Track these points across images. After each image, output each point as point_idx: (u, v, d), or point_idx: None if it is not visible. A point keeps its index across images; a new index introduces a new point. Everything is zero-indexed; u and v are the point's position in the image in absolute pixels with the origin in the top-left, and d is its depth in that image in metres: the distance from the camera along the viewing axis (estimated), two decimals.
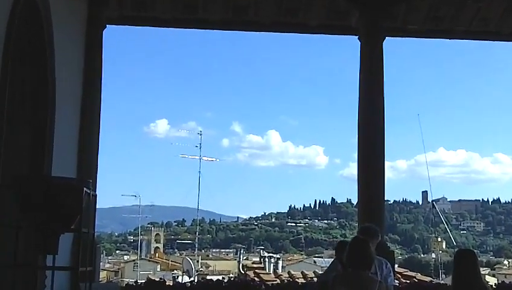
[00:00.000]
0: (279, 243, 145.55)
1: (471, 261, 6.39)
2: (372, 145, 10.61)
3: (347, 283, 5.93)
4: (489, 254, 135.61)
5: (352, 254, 6.01)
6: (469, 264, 6.35)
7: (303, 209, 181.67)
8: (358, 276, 5.90)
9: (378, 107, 10.76)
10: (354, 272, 5.94)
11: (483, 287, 6.33)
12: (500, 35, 12.23)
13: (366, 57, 10.81)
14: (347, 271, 6.07)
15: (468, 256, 6.51)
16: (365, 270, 5.91)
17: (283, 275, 13.63)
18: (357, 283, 5.87)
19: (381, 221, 10.49)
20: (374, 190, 10.51)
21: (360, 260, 5.92)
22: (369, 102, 10.75)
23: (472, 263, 6.37)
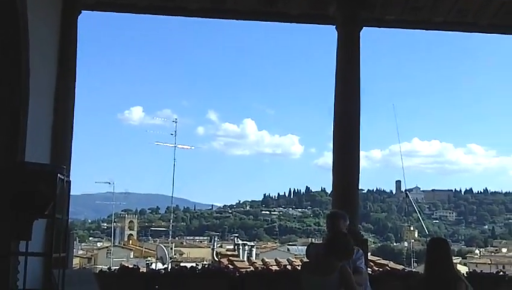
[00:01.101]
0: (253, 231, 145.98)
1: (443, 249, 6.46)
2: (347, 135, 10.64)
3: (309, 270, 6.22)
4: (461, 243, 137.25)
5: (327, 242, 6.25)
6: (441, 252, 6.41)
7: (277, 197, 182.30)
8: (321, 263, 6.10)
9: (354, 97, 10.79)
10: (320, 260, 6.16)
11: (455, 276, 6.38)
12: (477, 26, 12.27)
13: (343, 46, 10.82)
14: (315, 259, 6.33)
15: (441, 244, 6.58)
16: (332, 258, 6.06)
17: (257, 262, 13.66)
18: (318, 269, 6.09)
19: (355, 210, 10.55)
20: (349, 179, 10.56)
21: (329, 248, 6.12)
22: (345, 92, 10.77)
23: (444, 252, 6.43)
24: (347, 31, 10.83)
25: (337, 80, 10.85)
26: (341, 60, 10.84)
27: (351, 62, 10.80)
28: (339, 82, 10.82)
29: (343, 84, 10.80)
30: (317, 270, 6.14)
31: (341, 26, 10.85)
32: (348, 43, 10.83)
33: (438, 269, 6.34)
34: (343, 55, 10.83)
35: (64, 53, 9.84)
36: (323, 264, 6.12)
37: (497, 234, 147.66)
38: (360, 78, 10.88)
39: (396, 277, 10.45)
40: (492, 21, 11.95)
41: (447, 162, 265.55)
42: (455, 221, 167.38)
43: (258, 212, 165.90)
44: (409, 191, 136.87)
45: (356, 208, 10.73)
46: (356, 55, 10.85)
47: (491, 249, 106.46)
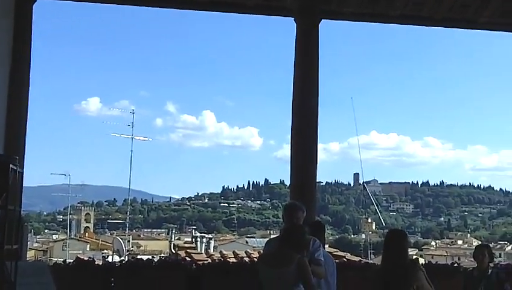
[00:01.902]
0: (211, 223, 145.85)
1: (401, 240, 6.67)
2: (305, 127, 10.69)
3: (266, 262, 6.25)
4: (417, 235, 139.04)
5: (282, 234, 6.31)
6: (399, 243, 6.63)
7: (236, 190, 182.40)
8: (278, 255, 6.14)
9: (313, 89, 10.84)
10: (277, 251, 6.21)
11: (412, 265, 6.59)
12: (433, 20, 12.42)
13: (301, 38, 10.85)
14: (272, 251, 6.38)
15: (399, 236, 6.80)
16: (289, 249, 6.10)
17: (215, 254, 13.66)
18: (275, 261, 6.11)
19: (313, 202, 10.63)
20: (307, 171, 10.62)
21: (288, 241, 6.16)
22: (304, 84, 10.81)
23: (402, 243, 6.64)
24: (305, 23, 10.86)
25: (295, 72, 10.89)
26: (299, 52, 10.87)
27: (309, 54, 10.84)
28: (298, 74, 10.85)
29: (302, 76, 10.83)
30: (274, 262, 6.15)
31: (299, 18, 10.87)
32: (306, 35, 10.86)
33: (395, 259, 6.53)
34: (302, 47, 10.86)
35: (19, 42, 9.69)
36: (280, 255, 6.13)
37: (452, 226, 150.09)
38: (318, 71, 10.93)
39: (353, 269, 10.57)
40: (447, 15, 12.12)
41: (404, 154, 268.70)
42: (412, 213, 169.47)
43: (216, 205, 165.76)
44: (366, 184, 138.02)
45: (314, 200, 10.81)
46: (314, 48, 10.89)
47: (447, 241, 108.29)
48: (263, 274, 6.23)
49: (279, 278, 6.06)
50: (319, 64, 10.92)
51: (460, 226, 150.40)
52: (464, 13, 12.06)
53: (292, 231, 6.34)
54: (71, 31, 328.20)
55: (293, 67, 10.87)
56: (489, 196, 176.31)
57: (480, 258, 7.91)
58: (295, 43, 10.88)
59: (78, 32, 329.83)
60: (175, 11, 15.89)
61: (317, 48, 10.90)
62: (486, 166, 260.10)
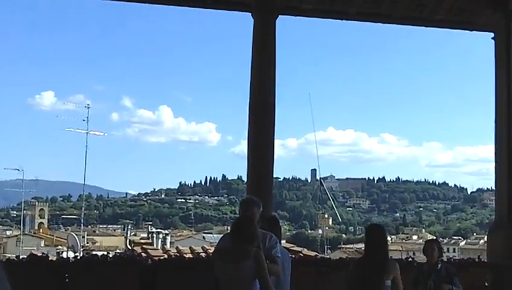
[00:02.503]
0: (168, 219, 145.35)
1: (381, 235, 7.19)
2: (262, 123, 10.73)
3: (222, 257, 6.22)
4: None
5: (233, 229, 6.31)
6: (379, 237, 7.12)
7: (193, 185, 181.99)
8: (234, 249, 6.13)
9: (270, 85, 10.89)
10: (232, 246, 6.18)
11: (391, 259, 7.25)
12: (391, 18, 12.57)
13: (258, 34, 10.89)
14: (226, 246, 6.33)
15: (378, 230, 7.30)
16: (244, 244, 6.11)
17: (171, 250, 13.63)
18: (231, 256, 6.11)
19: (269, 197, 10.69)
20: (263, 167, 10.67)
21: (238, 234, 6.19)
22: (261, 79, 10.85)
23: (381, 237, 7.16)
24: (263, 18, 10.90)
25: (252, 67, 10.92)
26: (256, 47, 10.90)
27: (266, 50, 10.88)
28: (255, 70, 10.89)
29: (259, 71, 10.87)
30: (230, 257, 6.13)
31: (257, 13, 10.90)
32: (264, 30, 10.90)
33: (376, 252, 6.97)
34: (259, 42, 10.90)
35: None
36: (236, 250, 6.12)
37: (408, 222, 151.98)
38: (275, 66, 10.98)
39: (309, 264, 10.65)
40: (404, 13, 12.28)
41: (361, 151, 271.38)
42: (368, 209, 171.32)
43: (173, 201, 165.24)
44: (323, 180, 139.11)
45: (270, 196, 10.88)
46: (272, 43, 10.94)
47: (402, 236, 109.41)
48: (220, 270, 6.21)
49: (237, 274, 6.04)
50: (276, 60, 10.97)
51: (416, 221, 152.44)
52: (421, 11, 12.23)
53: (242, 223, 6.36)
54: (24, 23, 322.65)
55: (250, 63, 10.90)
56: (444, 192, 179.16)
57: (430, 253, 8.05)
58: (252, 38, 10.91)
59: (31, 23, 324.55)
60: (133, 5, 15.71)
61: (274, 43, 10.94)
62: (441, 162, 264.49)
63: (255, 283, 6.04)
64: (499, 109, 11.90)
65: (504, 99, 11.69)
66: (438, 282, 7.86)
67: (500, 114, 11.85)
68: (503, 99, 11.73)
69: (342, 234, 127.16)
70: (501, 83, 11.81)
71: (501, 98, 11.82)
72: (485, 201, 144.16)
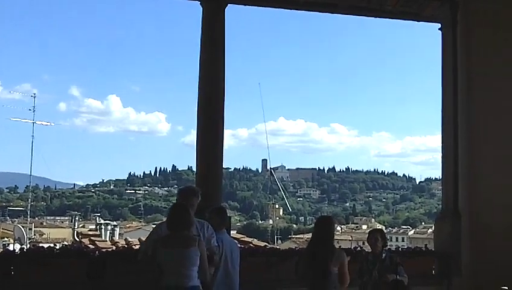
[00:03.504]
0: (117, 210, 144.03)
1: (329, 225, 7.61)
2: (211, 113, 10.73)
3: (167, 244, 6.33)
4: None
5: (171, 217, 6.50)
6: (328, 228, 7.53)
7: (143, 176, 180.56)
8: (177, 237, 6.32)
9: (219, 74, 10.88)
10: (174, 234, 6.37)
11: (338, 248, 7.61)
12: (339, 8, 12.65)
13: (207, 22, 10.87)
14: (168, 234, 6.48)
15: (327, 221, 7.74)
16: (184, 231, 6.37)
17: (120, 242, 13.56)
18: (176, 242, 6.29)
19: (218, 188, 10.71)
20: (212, 157, 10.68)
21: (178, 222, 6.40)
22: (210, 69, 10.83)
23: (330, 228, 7.57)
24: (211, 6, 10.88)
25: (201, 56, 10.90)
26: (205, 36, 10.88)
27: (215, 39, 10.87)
28: (203, 59, 10.87)
29: (208, 61, 10.86)
30: (173, 244, 6.32)
31: (205, 2, 10.88)
32: (213, 19, 10.89)
33: (323, 242, 7.37)
34: (208, 31, 10.88)
35: None
36: (178, 237, 6.34)
37: (357, 211, 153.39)
38: (224, 55, 10.98)
39: (258, 254, 10.71)
40: (353, 2, 12.39)
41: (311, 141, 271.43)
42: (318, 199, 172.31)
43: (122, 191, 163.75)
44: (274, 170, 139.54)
45: (219, 186, 10.90)
46: (220, 32, 10.93)
47: (352, 225, 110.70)
48: (162, 256, 6.32)
49: (182, 259, 6.19)
50: (225, 49, 10.97)
51: (365, 211, 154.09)
52: (368, 2, 12.34)
53: (178, 211, 6.51)
54: None
55: (199, 52, 10.87)
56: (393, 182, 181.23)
57: (373, 242, 8.20)
58: (201, 27, 10.89)
59: None
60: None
61: (223, 32, 10.94)
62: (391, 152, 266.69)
63: (195, 268, 6.19)
64: (445, 100, 12.12)
65: (450, 89, 11.92)
66: (383, 271, 7.99)
67: (446, 104, 12.07)
68: (449, 90, 11.96)
69: (292, 224, 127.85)
70: (447, 73, 12.03)
71: (447, 89, 12.04)
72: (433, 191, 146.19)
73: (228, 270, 7.59)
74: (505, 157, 11.59)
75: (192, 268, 6.21)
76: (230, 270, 7.63)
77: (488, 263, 11.18)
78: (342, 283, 7.38)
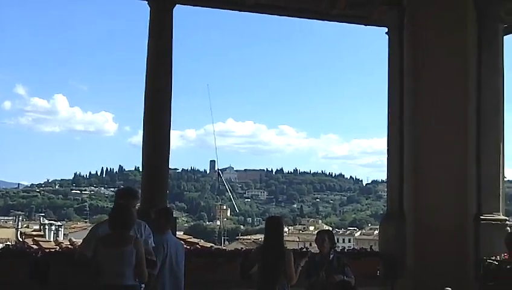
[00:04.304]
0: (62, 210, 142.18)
1: (278, 226, 7.73)
2: (158, 113, 10.69)
3: (104, 244, 6.36)
4: None
5: (113, 216, 6.53)
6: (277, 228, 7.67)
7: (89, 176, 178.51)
8: (115, 236, 6.35)
9: (166, 74, 10.85)
10: (113, 233, 6.40)
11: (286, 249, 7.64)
12: (288, 11, 12.73)
13: (154, 22, 10.82)
14: (107, 233, 6.50)
15: (276, 222, 7.84)
16: (123, 230, 6.38)
17: (64, 242, 13.38)
18: (113, 242, 6.31)
19: (164, 188, 10.67)
20: (159, 157, 10.64)
21: (119, 221, 6.42)
22: (157, 68, 10.80)
23: (279, 228, 7.70)
24: (159, 6, 10.84)
25: (148, 55, 10.85)
26: (152, 35, 10.84)
27: (162, 38, 10.83)
28: (151, 58, 10.82)
29: (155, 60, 10.82)
30: (112, 242, 6.32)
31: (153, 2, 10.83)
32: (160, 18, 10.85)
33: (273, 242, 7.53)
34: (155, 31, 10.84)
35: None
36: (117, 236, 6.35)
37: (305, 213, 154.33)
38: (172, 55, 10.95)
39: (204, 254, 10.72)
40: (302, 5, 12.48)
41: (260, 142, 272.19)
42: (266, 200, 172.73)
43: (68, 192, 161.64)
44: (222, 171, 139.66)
45: (165, 187, 10.86)
46: (168, 32, 10.90)
47: (300, 227, 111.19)
48: (102, 256, 6.33)
49: (118, 258, 6.21)
50: (172, 50, 10.93)
51: (313, 212, 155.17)
52: (317, 5, 12.45)
53: (119, 211, 6.54)
54: None
55: (146, 52, 10.82)
56: (340, 184, 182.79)
57: (321, 243, 8.27)
58: (149, 26, 10.84)
59: None
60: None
61: (171, 32, 10.90)
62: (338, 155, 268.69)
63: (131, 268, 6.21)
64: (391, 103, 12.28)
65: (396, 93, 12.09)
66: (330, 272, 8.06)
67: (392, 107, 12.23)
68: (395, 93, 12.13)
69: (240, 225, 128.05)
70: (393, 77, 12.20)
71: (393, 92, 12.21)
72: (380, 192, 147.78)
73: (173, 271, 7.57)
74: (448, 160, 11.78)
75: (128, 267, 6.23)
76: (175, 271, 7.61)
77: (432, 264, 11.36)
78: (289, 281, 7.52)
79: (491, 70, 11.56)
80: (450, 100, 11.90)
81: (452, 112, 11.89)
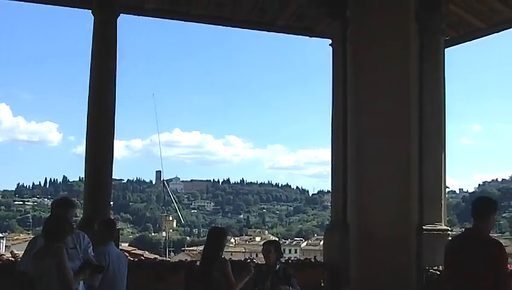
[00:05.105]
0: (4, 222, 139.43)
1: (219, 237, 7.66)
2: (101, 123, 10.61)
3: (37, 256, 6.27)
4: None
5: (46, 227, 6.40)
6: (217, 240, 7.60)
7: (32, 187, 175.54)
8: (48, 248, 6.21)
9: (110, 84, 10.80)
10: (46, 245, 6.26)
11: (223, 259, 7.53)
12: (233, 22, 12.80)
13: (98, 31, 10.77)
14: (41, 245, 6.38)
15: (217, 233, 7.78)
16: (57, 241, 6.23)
17: (5, 254, 13.10)
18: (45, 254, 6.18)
19: (108, 199, 10.58)
20: (102, 167, 10.55)
21: (53, 232, 6.30)
22: (101, 79, 10.73)
23: (219, 239, 7.61)
24: (103, 16, 10.78)
25: (92, 65, 10.76)
26: (97, 45, 10.77)
27: (107, 48, 10.77)
28: (94, 68, 10.74)
29: (99, 70, 10.74)
30: (40, 255, 6.24)
31: (97, 11, 10.76)
32: (105, 27, 10.80)
33: (208, 252, 7.51)
34: (99, 40, 10.78)
35: None
36: (44, 248, 6.26)
37: (251, 223, 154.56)
38: (116, 65, 10.89)
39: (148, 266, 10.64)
40: (247, 17, 12.54)
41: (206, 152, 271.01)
42: (213, 211, 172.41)
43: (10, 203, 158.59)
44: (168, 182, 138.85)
45: (109, 197, 10.76)
46: (112, 42, 10.84)
47: (246, 237, 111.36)
48: (35, 268, 6.26)
49: (44, 270, 6.13)
50: (117, 59, 10.87)
51: (259, 223, 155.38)
52: (262, 16, 12.54)
53: (53, 222, 6.49)
54: None
55: (90, 61, 10.73)
56: (286, 194, 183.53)
57: (267, 254, 8.28)
58: (92, 36, 10.76)
59: None
60: None
61: (115, 41, 10.85)
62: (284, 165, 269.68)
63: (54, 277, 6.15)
64: (335, 113, 12.41)
65: (340, 104, 12.21)
66: (276, 283, 8.08)
67: (336, 118, 12.36)
68: (339, 104, 12.25)
69: (186, 236, 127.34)
70: (337, 88, 12.34)
71: (337, 103, 12.34)
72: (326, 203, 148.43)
73: (116, 283, 7.49)
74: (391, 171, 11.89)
75: (52, 279, 6.15)
76: (118, 283, 7.53)
77: (375, 275, 11.38)
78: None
79: (433, 82, 11.74)
80: (393, 112, 11.98)
81: (395, 123, 11.97)
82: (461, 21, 13.04)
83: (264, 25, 13.06)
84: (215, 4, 12.17)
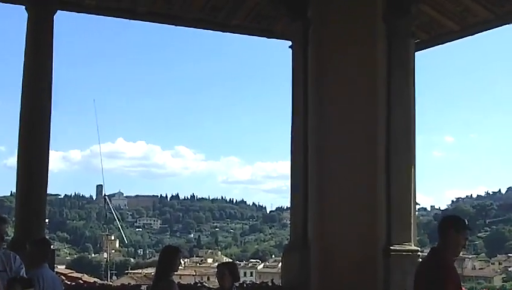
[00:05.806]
0: None
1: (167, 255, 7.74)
2: (34, 132, 10.47)
3: None
4: None
5: None
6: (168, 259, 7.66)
7: None
8: None
9: (45, 89, 10.66)
10: None
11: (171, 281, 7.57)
12: (183, 20, 12.78)
13: (33, 29, 10.66)
14: None
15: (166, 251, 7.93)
16: None
17: None
18: None
19: (42, 217, 10.43)
20: (35, 181, 10.41)
21: None
22: (35, 82, 10.60)
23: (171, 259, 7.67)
24: (38, 12, 10.68)
25: (25, 67, 10.64)
26: (31, 45, 10.66)
27: (42, 48, 10.66)
28: (28, 70, 10.62)
29: (32, 72, 10.63)
30: None
31: (31, 7, 10.66)
32: (39, 26, 10.70)
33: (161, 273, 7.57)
34: (34, 38, 10.68)
35: None
36: None
37: (203, 243, 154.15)
38: (52, 66, 10.77)
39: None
40: (197, 15, 12.55)
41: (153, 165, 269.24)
42: (160, 229, 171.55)
43: None
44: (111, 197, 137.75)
45: (43, 215, 10.61)
46: (48, 39, 10.75)
47: (197, 259, 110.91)
48: None
49: None
50: (53, 60, 10.75)
51: (211, 242, 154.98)
52: (215, 16, 12.55)
53: None
54: None
55: (23, 63, 10.61)
56: (241, 211, 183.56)
57: (221, 277, 8.25)
58: (26, 35, 10.64)
59: None
60: None
61: (51, 40, 10.74)
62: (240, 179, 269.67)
63: None
64: (295, 122, 12.38)
65: (300, 111, 12.14)
66: None
67: (296, 127, 12.34)
68: (299, 112, 12.19)
69: (130, 257, 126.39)
70: (297, 94, 12.30)
71: (297, 111, 12.30)
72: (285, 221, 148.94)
73: None
74: (356, 186, 11.96)
75: None
76: None
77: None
78: None
79: (402, 88, 11.72)
80: (358, 121, 12.06)
81: (360, 133, 12.03)
82: (433, 22, 13.19)
83: (218, 25, 13.05)
84: (164, 1, 12.14)
